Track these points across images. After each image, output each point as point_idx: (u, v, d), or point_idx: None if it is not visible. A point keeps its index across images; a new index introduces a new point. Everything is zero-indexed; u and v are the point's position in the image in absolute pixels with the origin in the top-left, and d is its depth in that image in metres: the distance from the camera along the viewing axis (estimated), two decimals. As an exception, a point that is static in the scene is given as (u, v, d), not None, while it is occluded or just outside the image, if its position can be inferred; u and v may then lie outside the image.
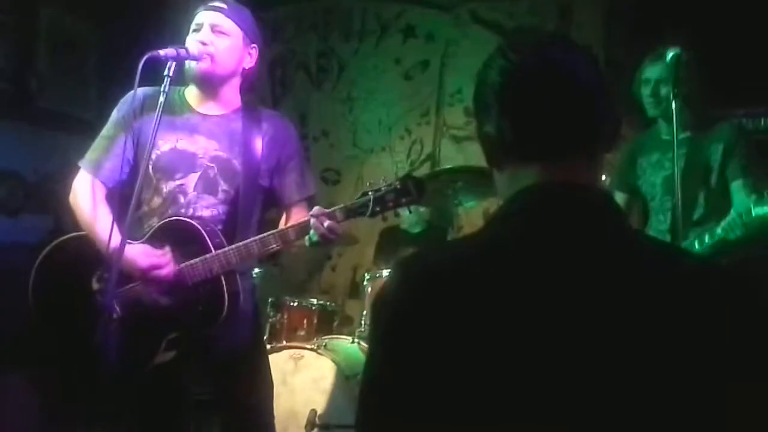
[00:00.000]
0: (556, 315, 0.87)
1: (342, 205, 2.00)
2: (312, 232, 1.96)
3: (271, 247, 2.02)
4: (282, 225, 2.19)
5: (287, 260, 4.98)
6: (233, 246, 2.02)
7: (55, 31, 4.31)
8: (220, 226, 2.09)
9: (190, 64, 2.09)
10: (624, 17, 4.24)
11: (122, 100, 2.18)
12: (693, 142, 2.68)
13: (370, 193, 1.97)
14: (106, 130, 2.19)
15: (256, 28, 2.23)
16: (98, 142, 2.19)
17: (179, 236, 2.05)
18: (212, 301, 2.02)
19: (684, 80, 2.49)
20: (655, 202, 2.78)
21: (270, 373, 2.29)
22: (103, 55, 4.57)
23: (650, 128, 2.86)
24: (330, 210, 1.98)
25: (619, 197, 2.89)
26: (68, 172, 2.25)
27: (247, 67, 2.21)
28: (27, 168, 4.12)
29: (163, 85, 1.97)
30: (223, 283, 2.02)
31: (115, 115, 2.18)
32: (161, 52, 1.97)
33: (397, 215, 2.06)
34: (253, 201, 2.15)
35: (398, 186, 1.95)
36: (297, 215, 2.17)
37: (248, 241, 2.02)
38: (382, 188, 1.96)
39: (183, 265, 2.04)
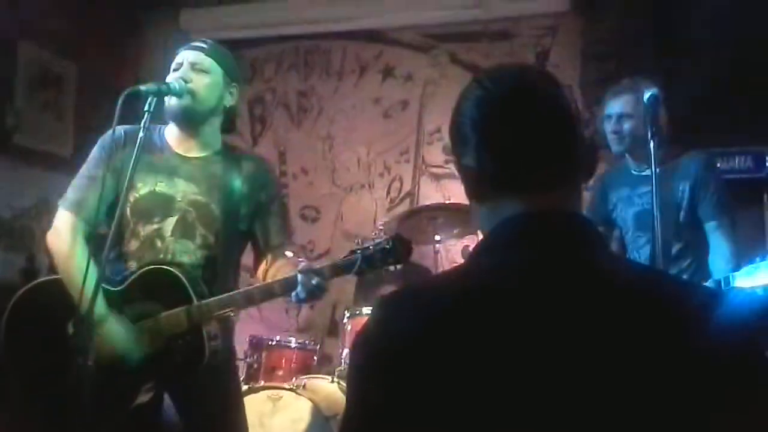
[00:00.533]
0: (545, 347, 0.86)
1: (330, 264, 2.01)
2: (300, 288, 1.94)
3: (254, 300, 2.02)
4: (261, 270, 2.17)
5: (265, 299, 4.93)
6: (217, 298, 2.00)
7: (33, 68, 4.29)
8: (199, 272, 2.07)
9: (171, 101, 2.09)
10: (600, 59, 4.33)
11: (102, 138, 2.17)
12: (661, 179, 2.58)
13: (359, 251, 1.97)
14: (86, 169, 2.18)
15: (236, 67, 2.25)
16: (78, 181, 2.17)
17: (160, 284, 2.03)
18: (192, 351, 2.00)
19: (655, 118, 2.45)
20: (628, 236, 2.81)
21: (244, 416, 2.24)
22: (81, 91, 4.55)
23: (619, 163, 2.88)
24: (318, 267, 1.97)
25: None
26: (43, 208, 2.23)
27: (228, 105, 2.20)
28: (2, 205, 4.05)
29: (143, 121, 1.96)
30: (204, 333, 2.00)
31: (95, 153, 2.17)
32: (142, 87, 1.98)
33: (381, 274, 2.05)
34: (233, 246, 2.14)
35: (387, 246, 1.95)
36: (277, 260, 2.16)
37: (233, 293, 2.01)
38: (371, 247, 1.96)
39: (163, 315, 2.01)
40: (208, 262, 2.10)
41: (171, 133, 2.18)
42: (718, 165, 3.22)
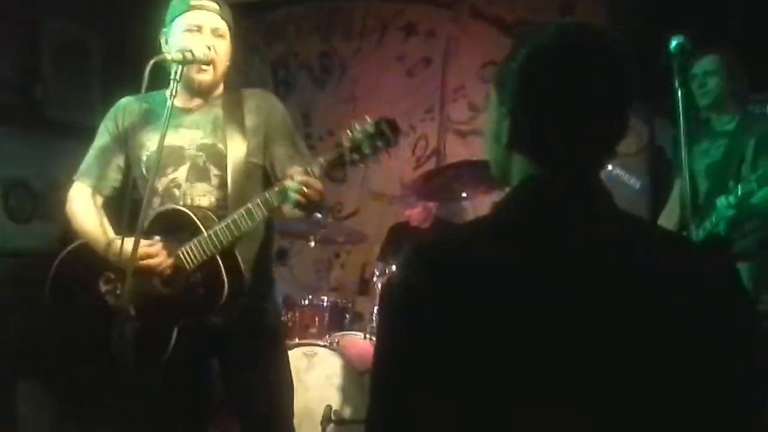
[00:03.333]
0: (559, 298, 0.90)
1: (319, 160, 1.95)
2: (293, 193, 1.90)
3: (257, 216, 1.98)
4: None
5: (296, 260, 5.00)
6: (221, 223, 2.00)
7: (59, 40, 4.33)
8: (221, 212, 2.09)
9: (194, 73, 2.09)
10: (627, 12, 4.24)
11: (108, 113, 2.23)
12: (733, 134, 2.83)
13: (344, 142, 1.92)
14: (96, 141, 2.25)
15: (235, 24, 2.23)
16: (90, 154, 2.25)
17: (172, 225, 2.06)
18: (211, 283, 2.02)
19: (732, 75, 2.79)
20: (700, 187, 2.87)
21: (290, 373, 2.28)
22: (107, 61, 4.59)
23: (706, 117, 2.99)
24: (307, 168, 1.93)
25: (677, 184, 3.01)
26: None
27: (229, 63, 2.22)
28: (34, 176, 4.14)
29: (171, 89, 1.97)
30: (220, 263, 2.01)
31: (103, 126, 2.23)
32: (168, 56, 1.98)
33: (376, 161, 1.99)
34: (245, 179, 2.12)
35: (371, 130, 1.90)
36: None
37: (234, 215, 1.99)
38: (357, 134, 1.91)
39: (179, 251, 2.04)
40: (228, 198, 2.10)
41: (186, 90, 2.18)
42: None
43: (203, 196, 2.12)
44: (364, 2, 5.12)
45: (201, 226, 2.02)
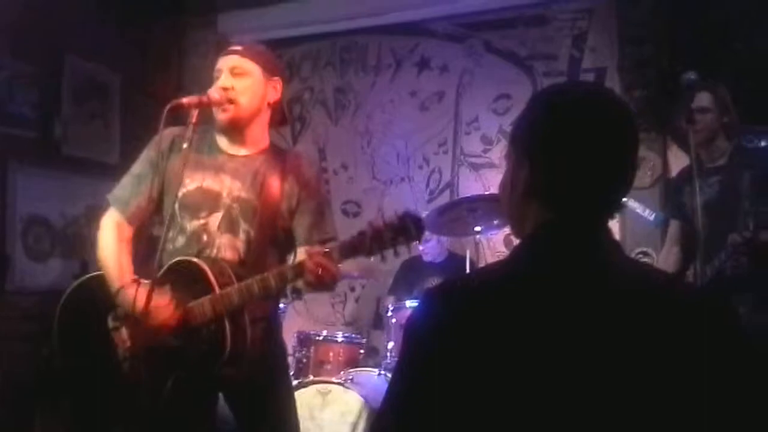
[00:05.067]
0: (570, 347, 0.95)
1: (338, 244, 1.97)
2: (307, 273, 1.93)
3: (270, 287, 1.99)
4: None
5: (311, 295, 5.01)
6: (235, 286, 2.01)
7: (79, 78, 4.41)
8: (240, 268, 2.09)
9: (216, 113, 2.13)
10: (637, 42, 4.26)
11: (153, 140, 2.21)
12: (726, 169, 2.82)
13: (367, 231, 1.93)
14: (135, 167, 2.24)
15: (275, 61, 2.26)
16: (127, 180, 2.24)
17: (187, 275, 2.07)
18: (215, 341, 2.02)
19: (725, 109, 2.78)
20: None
21: (296, 413, 2.27)
22: (126, 100, 4.67)
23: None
24: (326, 249, 1.96)
25: (673, 224, 3.04)
26: (93, 215, 2.31)
27: (271, 101, 2.22)
28: (54, 214, 4.20)
29: (187, 133, 2.01)
30: (226, 323, 2.01)
31: (145, 153, 2.22)
32: (184, 101, 2.02)
33: (396, 255, 2.00)
34: (268, 240, 2.14)
35: (396, 224, 1.90)
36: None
37: (249, 280, 2.00)
38: (380, 226, 1.92)
39: (189, 305, 2.04)
40: (251, 256, 2.12)
41: (219, 133, 2.22)
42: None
43: (230, 248, 2.13)
44: (378, 37, 5.18)
45: (215, 284, 2.03)
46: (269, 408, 2.19)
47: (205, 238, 2.13)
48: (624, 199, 1.12)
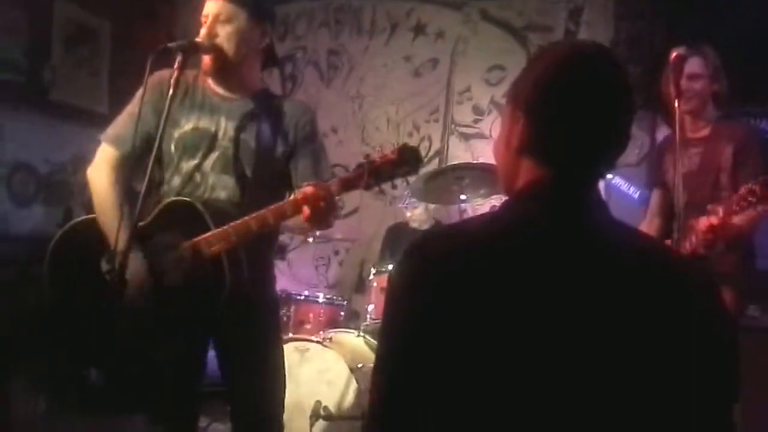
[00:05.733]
0: (555, 301, 0.95)
1: (337, 179, 1.97)
2: (307, 207, 1.92)
3: (267, 223, 1.99)
4: None
5: (295, 255, 5.03)
6: (231, 224, 2.00)
7: (69, 25, 4.35)
8: (235, 209, 2.08)
9: (203, 58, 2.12)
10: (633, 17, 4.25)
11: (152, 79, 2.13)
12: (709, 141, 2.71)
13: (365, 165, 1.93)
14: (130, 107, 2.22)
15: (262, 4, 2.21)
16: (122, 118, 2.22)
17: (182, 216, 2.06)
18: (214, 280, 2.02)
19: (715, 78, 2.65)
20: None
21: (283, 365, 2.29)
22: (116, 47, 4.62)
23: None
24: (325, 184, 1.95)
25: (655, 194, 2.96)
26: (79, 164, 2.29)
27: (260, 46, 2.20)
28: (39, 160, 4.17)
29: (173, 78, 1.99)
30: (224, 261, 2.01)
31: (139, 93, 2.15)
32: (171, 45, 2.00)
33: (394, 187, 2.00)
34: (265, 182, 2.13)
35: (393, 157, 1.92)
36: None
37: (246, 218, 2.00)
38: (377, 159, 1.92)
39: (184, 244, 2.04)
40: (245, 197, 2.11)
41: (211, 78, 2.20)
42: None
43: (224, 188, 2.13)
44: (373, 0, 5.14)
45: (210, 224, 2.03)
46: (257, 354, 2.20)
47: (198, 178, 2.13)
48: (609, 176, 1.13)
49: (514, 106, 1.08)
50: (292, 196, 2.03)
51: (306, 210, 1.94)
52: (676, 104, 2.34)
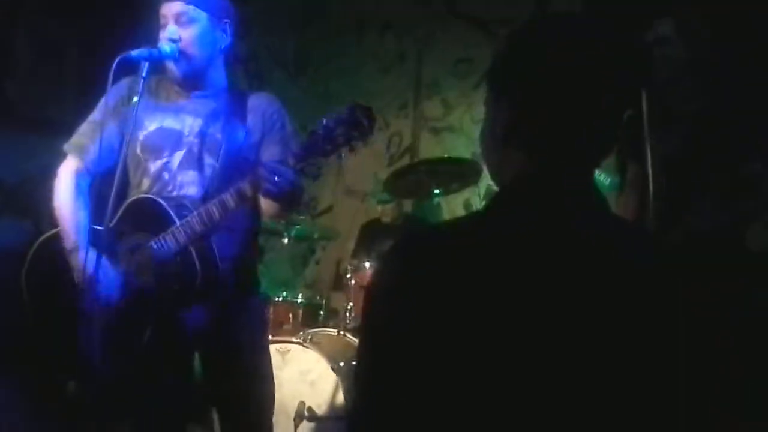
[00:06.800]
0: (544, 293, 0.92)
1: (292, 152, 1.95)
2: (265, 182, 1.90)
3: (229, 206, 1.96)
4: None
5: (271, 256, 5.01)
6: (195, 212, 1.99)
7: (35, 36, 4.29)
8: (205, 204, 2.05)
9: (168, 65, 2.10)
10: (601, 9, 4.28)
11: (113, 87, 2.10)
12: (699, 119, 2.33)
13: (319, 131, 1.90)
14: (94, 115, 2.20)
15: (221, 1, 2.18)
16: (85, 127, 2.20)
17: (146, 214, 2.05)
18: (185, 273, 2.00)
19: (694, 40, 2.25)
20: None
21: (271, 371, 2.28)
22: (81, 57, 4.55)
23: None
24: (279, 159, 1.95)
25: (632, 168, 2.59)
26: (47, 174, 2.26)
27: (224, 46, 2.18)
28: (6, 172, 4.10)
29: (138, 86, 1.98)
30: (193, 252, 1.99)
31: (103, 101, 2.15)
32: (133, 54, 1.97)
33: (352, 150, 1.97)
34: (233, 173, 2.08)
35: (345, 117, 1.87)
36: None
37: (209, 203, 1.98)
38: (330, 124, 1.88)
39: (152, 242, 2.02)
40: (216, 191, 2.06)
41: (175, 80, 2.18)
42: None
43: (191, 184, 2.11)
44: (339, -3, 5.13)
45: (174, 216, 2.01)
46: (243, 361, 2.19)
47: (166, 176, 2.11)
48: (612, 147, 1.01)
49: (493, 90, 1.01)
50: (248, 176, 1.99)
51: (263, 185, 1.90)
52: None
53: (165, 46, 2.06)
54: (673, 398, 0.95)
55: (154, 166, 2.13)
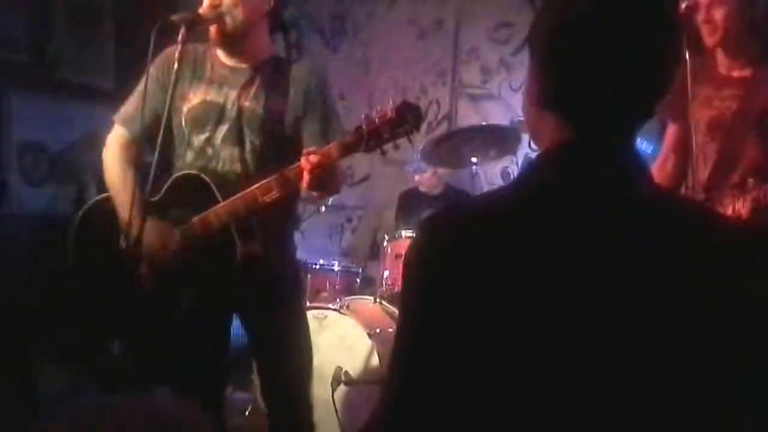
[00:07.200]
0: (581, 274, 0.87)
1: (336, 143, 1.94)
2: (307, 175, 1.91)
3: (272, 192, 1.99)
4: None
5: (308, 224, 5.04)
6: (238, 194, 2.01)
7: (71, 1, 4.32)
8: (246, 180, 2.08)
9: (209, 29, 2.10)
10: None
11: (159, 57, 2.15)
12: (751, 82, 2.26)
13: (364, 126, 1.89)
14: (140, 86, 2.20)
15: None
16: (132, 97, 2.23)
17: (192, 190, 2.08)
18: (224, 251, 2.03)
19: (750, 2, 2.20)
20: (698, 138, 2.33)
21: (308, 333, 2.32)
22: (120, 22, 4.58)
23: (709, 58, 2.39)
24: (323, 149, 1.94)
25: (672, 129, 2.56)
26: (90, 141, 2.29)
27: (266, 10, 2.16)
28: (49, 138, 4.17)
29: (177, 52, 1.98)
30: (234, 232, 2.03)
31: (151, 71, 2.14)
32: (174, 18, 1.97)
33: (396, 147, 1.96)
34: (276, 150, 2.11)
35: (393, 116, 1.87)
36: None
37: (252, 187, 2.00)
38: (376, 120, 1.88)
39: (194, 219, 2.06)
40: (258, 167, 2.10)
41: (219, 48, 2.18)
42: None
43: (235, 160, 2.12)
44: (376, -37, 5.07)
45: (218, 195, 2.04)
46: (282, 328, 2.22)
47: (210, 151, 2.13)
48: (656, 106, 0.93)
49: (531, 53, 0.97)
50: (293, 165, 2.01)
51: (306, 176, 1.92)
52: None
53: (206, 10, 2.05)
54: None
55: (197, 139, 2.14)
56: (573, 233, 0.89)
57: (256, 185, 2.01)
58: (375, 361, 3.08)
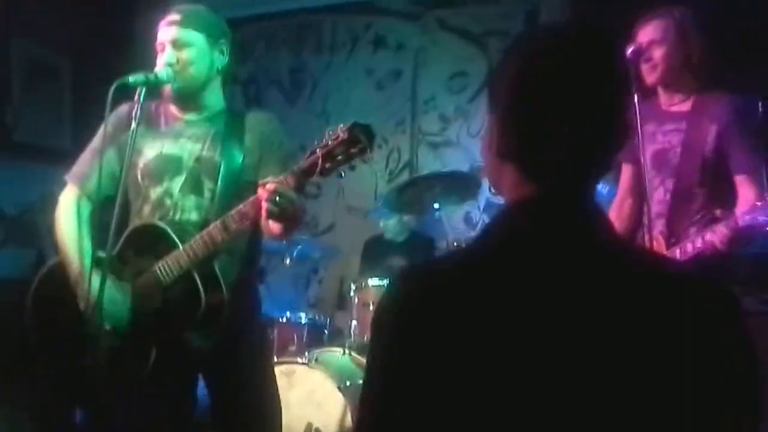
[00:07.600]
0: (550, 325, 0.87)
1: (291, 171, 1.93)
2: (267, 204, 1.88)
3: (231, 227, 1.97)
4: None
5: (273, 277, 5.00)
6: (197, 236, 2.00)
7: (28, 62, 4.30)
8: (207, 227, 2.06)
9: (165, 88, 2.11)
10: (590, 21, 4.30)
11: (111, 114, 2.13)
12: (692, 117, 2.34)
13: (318, 150, 1.89)
14: (93, 143, 2.22)
15: (218, 23, 2.20)
16: (85, 156, 2.22)
17: (149, 240, 2.06)
18: (189, 299, 2.00)
19: (685, 41, 2.30)
20: (646, 175, 2.34)
21: (277, 394, 2.27)
22: (77, 83, 4.57)
23: (650, 97, 2.49)
24: (279, 178, 1.92)
25: (626, 169, 2.62)
26: (48, 203, 2.26)
27: (221, 66, 2.20)
28: (7, 202, 4.10)
29: (134, 111, 1.98)
30: (197, 277, 2.00)
31: (101, 129, 2.13)
32: (130, 79, 1.98)
33: (352, 168, 1.95)
34: (235, 196, 2.09)
35: (345, 137, 1.86)
36: None
37: (211, 227, 1.99)
38: (329, 142, 1.88)
39: (155, 266, 2.04)
40: (216, 215, 2.06)
41: (173, 104, 2.19)
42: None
43: (194, 209, 2.11)
44: (332, 16, 5.16)
45: (177, 240, 2.02)
46: (251, 384, 2.18)
47: (168, 202, 2.12)
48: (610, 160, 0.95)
49: (490, 104, 0.98)
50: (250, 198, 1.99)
51: (264, 205, 1.89)
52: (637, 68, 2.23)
53: (162, 70, 2.07)
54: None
55: (155, 192, 2.13)
56: (540, 286, 0.89)
57: (214, 224, 1.99)
58: (347, 416, 3.04)
